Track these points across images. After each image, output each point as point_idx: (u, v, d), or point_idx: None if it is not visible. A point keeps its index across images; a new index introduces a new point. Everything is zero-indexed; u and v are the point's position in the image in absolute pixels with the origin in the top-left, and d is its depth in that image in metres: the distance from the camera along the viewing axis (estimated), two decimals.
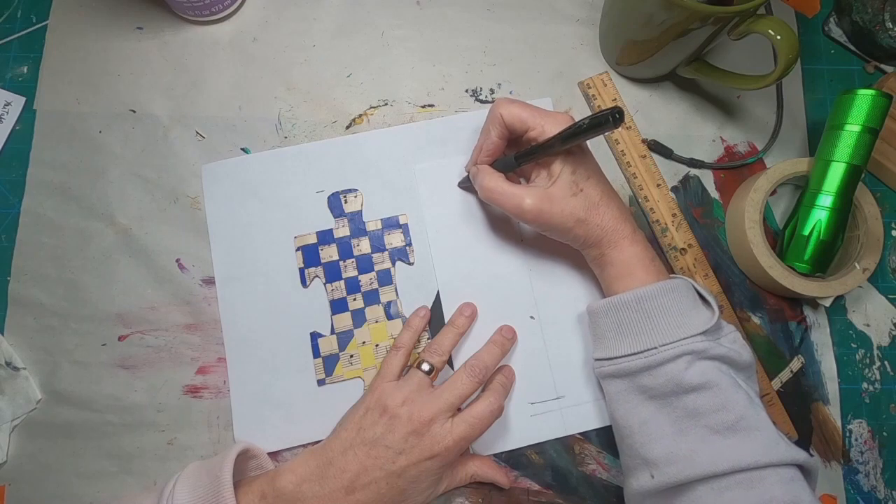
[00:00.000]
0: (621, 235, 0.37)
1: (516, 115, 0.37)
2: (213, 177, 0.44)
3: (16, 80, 0.46)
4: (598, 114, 0.32)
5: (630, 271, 0.36)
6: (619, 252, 0.37)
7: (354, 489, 0.34)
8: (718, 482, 0.32)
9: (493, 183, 0.38)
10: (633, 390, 0.35)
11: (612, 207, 0.37)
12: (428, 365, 0.38)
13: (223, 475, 0.33)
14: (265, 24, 0.47)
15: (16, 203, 0.43)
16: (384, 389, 0.37)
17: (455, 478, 0.38)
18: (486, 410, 0.36)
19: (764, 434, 0.32)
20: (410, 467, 0.34)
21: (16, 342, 0.41)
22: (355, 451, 0.35)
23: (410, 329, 0.41)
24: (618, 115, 0.31)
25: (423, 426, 0.35)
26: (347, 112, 0.46)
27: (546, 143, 0.36)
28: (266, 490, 0.34)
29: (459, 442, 0.35)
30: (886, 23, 0.45)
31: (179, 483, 0.33)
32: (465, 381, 0.37)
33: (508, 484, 0.40)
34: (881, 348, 0.44)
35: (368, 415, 0.36)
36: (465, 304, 0.42)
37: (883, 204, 0.46)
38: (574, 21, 0.48)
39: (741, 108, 0.47)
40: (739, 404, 0.33)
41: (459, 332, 0.40)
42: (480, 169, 0.39)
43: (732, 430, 0.32)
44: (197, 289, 0.42)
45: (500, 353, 0.40)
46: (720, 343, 0.34)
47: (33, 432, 0.40)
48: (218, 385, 0.41)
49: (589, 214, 0.36)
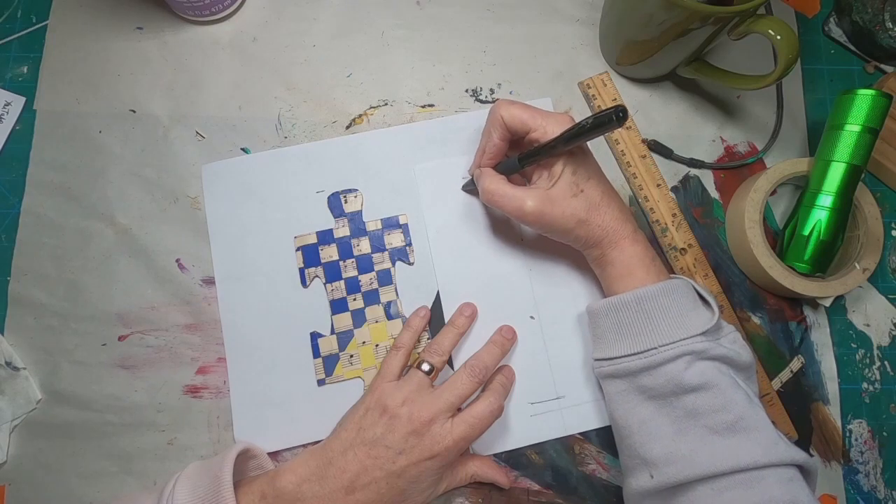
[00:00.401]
0: (622, 235, 0.37)
1: (517, 117, 0.37)
2: (213, 177, 0.44)
3: (16, 80, 0.46)
4: (602, 113, 0.31)
5: (630, 271, 0.36)
6: (620, 252, 0.37)
7: (354, 489, 0.34)
8: (718, 482, 0.32)
9: (493, 185, 0.38)
10: (632, 390, 0.35)
11: (612, 207, 0.37)
12: (428, 365, 0.38)
13: (223, 475, 0.33)
14: (265, 24, 0.47)
15: (16, 203, 0.43)
16: (384, 389, 0.37)
17: (455, 478, 0.38)
18: (486, 410, 0.36)
19: (763, 434, 0.32)
20: (410, 467, 0.34)
21: (16, 342, 0.41)
22: (355, 451, 0.35)
23: (410, 329, 0.41)
24: (621, 113, 0.31)
25: (423, 426, 0.35)
26: (347, 112, 0.46)
27: (549, 143, 0.35)
28: (266, 490, 0.34)
29: (459, 442, 0.35)
30: (886, 23, 0.45)
31: (179, 483, 0.33)
32: (466, 381, 0.37)
33: (508, 484, 0.40)
34: (881, 348, 0.44)
35: (368, 415, 0.36)
36: (465, 304, 0.42)
37: (883, 204, 0.46)
38: (574, 21, 0.48)
39: (741, 108, 0.47)
40: (739, 404, 0.33)
41: (459, 332, 0.40)
42: (483, 172, 0.39)
43: (732, 431, 0.32)
44: (197, 289, 0.43)
45: (501, 353, 0.40)
46: (720, 343, 0.34)
47: (33, 432, 0.40)
48: (218, 385, 0.41)
49: (590, 215, 0.36)
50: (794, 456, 0.32)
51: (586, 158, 0.37)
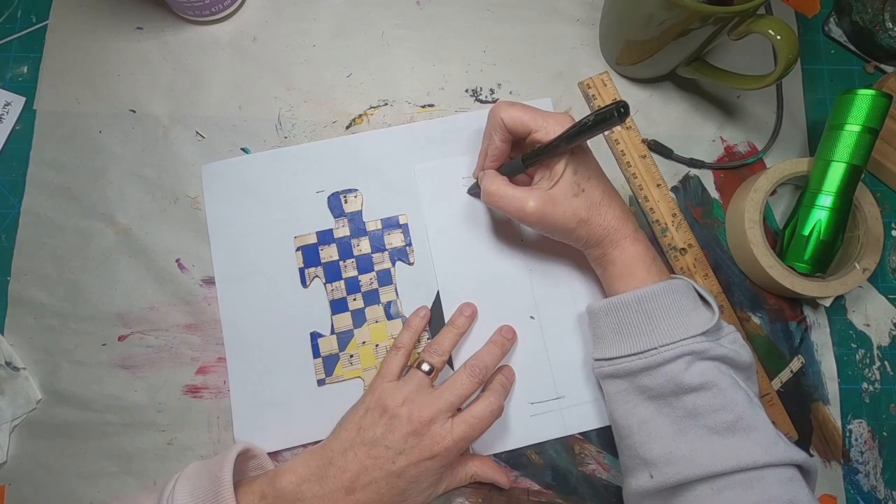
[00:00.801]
0: (623, 235, 0.37)
1: (517, 118, 0.37)
2: (213, 177, 0.44)
3: (16, 80, 0.46)
4: (603, 109, 0.31)
5: (631, 271, 0.36)
6: (621, 252, 0.37)
7: (354, 489, 0.34)
8: (717, 482, 0.32)
9: (494, 187, 0.38)
10: (632, 390, 0.35)
11: (613, 207, 0.37)
12: (428, 365, 0.38)
13: (223, 476, 0.33)
14: (265, 24, 0.47)
15: (16, 203, 0.43)
16: (384, 389, 0.37)
17: (455, 478, 0.38)
18: (485, 410, 0.36)
19: (763, 434, 0.32)
20: (410, 467, 0.34)
21: (16, 342, 0.41)
22: (355, 451, 0.35)
23: (410, 329, 0.41)
24: (622, 109, 0.30)
25: (423, 426, 0.35)
26: (347, 112, 0.46)
27: (552, 143, 0.35)
28: (266, 490, 0.34)
29: (459, 442, 0.35)
30: (886, 23, 0.45)
31: (179, 484, 0.33)
32: (466, 381, 0.37)
33: (508, 484, 0.40)
34: (881, 348, 0.44)
35: (368, 415, 0.36)
36: (465, 304, 0.42)
37: (883, 204, 0.46)
38: (574, 21, 0.48)
39: (741, 108, 0.47)
40: (739, 404, 0.33)
41: (459, 332, 0.40)
42: (486, 174, 0.39)
43: (731, 431, 0.32)
44: (197, 289, 0.43)
45: (500, 353, 0.40)
46: (720, 343, 0.34)
47: (33, 432, 0.40)
48: (218, 385, 0.41)
49: (591, 214, 0.36)
50: (793, 456, 0.32)
51: (587, 158, 0.37)
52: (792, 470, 0.32)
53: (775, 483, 0.31)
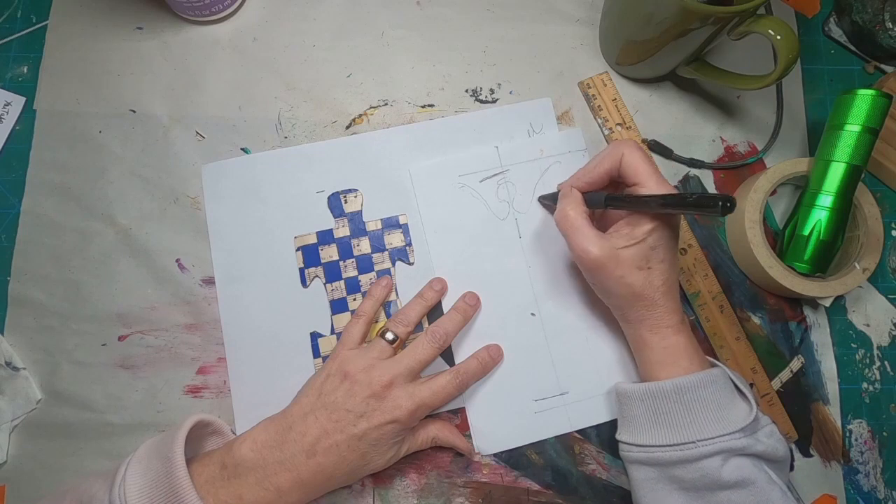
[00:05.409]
0: (665, 325, 0.36)
1: (635, 166, 0.35)
2: (213, 177, 0.44)
3: (16, 80, 0.46)
4: (708, 194, 0.30)
5: (675, 360, 0.35)
6: (661, 339, 0.36)
7: (315, 452, 0.34)
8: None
9: (573, 213, 0.36)
10: (663, 479, 0.35)
11: (668, 300, 0.36)
12: (392, 334, 0.38)
13: (174, 456, 0.31)
14: (265, 24, 0.47)
15: (16, 203, 0.43)
16: (345, 356, 0.37)
17: (416, 441, 0.38)
18: (447, 382, 0.37)
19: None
20: (371, 430, 0.35)
21: (16, 342, 0.41)
22: (316, 415, 0.35)
23: (372, 298, 0.41)
24: (728, 203, 0.29)
25: (384, 389, 0.35)
26: (347, 112, 0.46)
27: (643, 198, 0.34)
28: (226, 460, 0.33)
29: (420, 407, 0.36)
30: (886, 23, 0.46)
31: (131, 468, 0.32)
32: (426, 346, 0.37)
33: (468, 450, 0.40)
34: (881, 348, 0.44)
35: (329, 380, 0.36)
36: (435, 279, 0.42)
37: (883, 204, 0.46)
38: (574, 21, 0.48)
39: (741, 108, 0.47)
40: (775, 502, 0.32)
41: (427, 304, 0.41)
42: (571, 193, 0.38)
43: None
44: (197, 289, 0.42)
45: (462, 319, 0.40)
46: (758, 439, 0.34)
47: (33, 432, 0.40)
48: (218, 385, 0.41)
49: (644, 294, 0.35)
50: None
51: (671, 242, 0.36)
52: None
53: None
